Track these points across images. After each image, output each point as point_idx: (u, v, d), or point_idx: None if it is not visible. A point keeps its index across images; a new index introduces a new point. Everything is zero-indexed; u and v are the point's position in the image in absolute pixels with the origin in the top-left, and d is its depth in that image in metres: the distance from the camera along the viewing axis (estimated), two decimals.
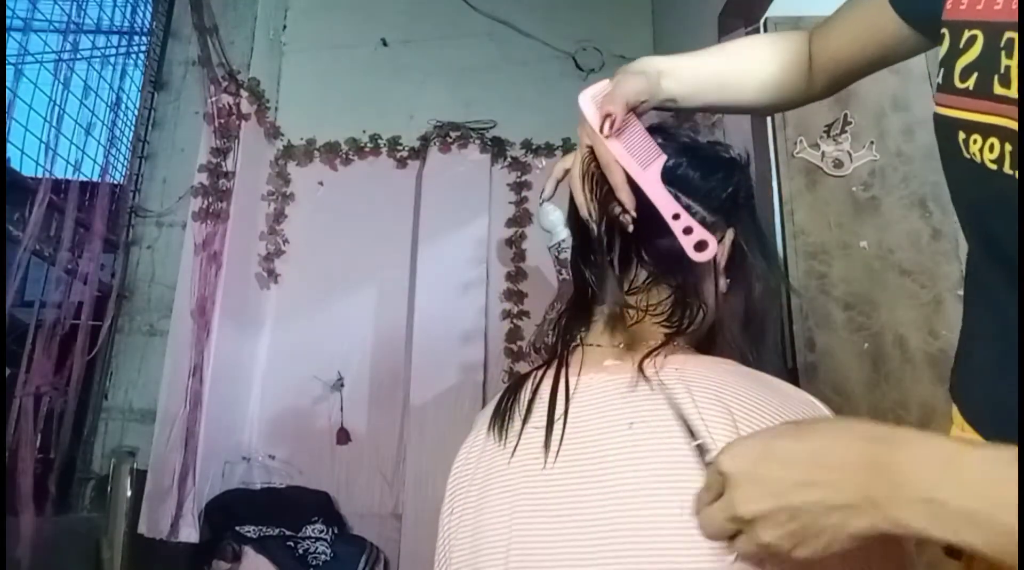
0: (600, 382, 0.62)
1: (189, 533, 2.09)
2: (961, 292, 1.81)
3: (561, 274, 2.25)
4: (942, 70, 0.55)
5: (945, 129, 0.56)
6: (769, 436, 0.47)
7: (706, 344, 0.67)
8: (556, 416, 0.61)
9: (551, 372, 0.65)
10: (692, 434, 0.52)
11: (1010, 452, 0.37)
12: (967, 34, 0.53)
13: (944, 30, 0.56)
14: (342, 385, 2.67)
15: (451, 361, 2.60)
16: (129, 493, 2.03)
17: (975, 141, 0.51)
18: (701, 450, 0.51)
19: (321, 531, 2.29)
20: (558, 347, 0.68)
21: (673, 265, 0.65)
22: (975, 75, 0.51)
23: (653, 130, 0.71)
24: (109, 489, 2.04)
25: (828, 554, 0.42)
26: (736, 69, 0.76)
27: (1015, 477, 0.36)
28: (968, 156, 0.52)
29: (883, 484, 0.39)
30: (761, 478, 0.43)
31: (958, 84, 0.53)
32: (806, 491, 0.42)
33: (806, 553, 0.42)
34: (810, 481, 0.42)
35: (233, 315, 2.46)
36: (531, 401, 0.64)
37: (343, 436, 2.62)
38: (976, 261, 0.59)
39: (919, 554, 1.74)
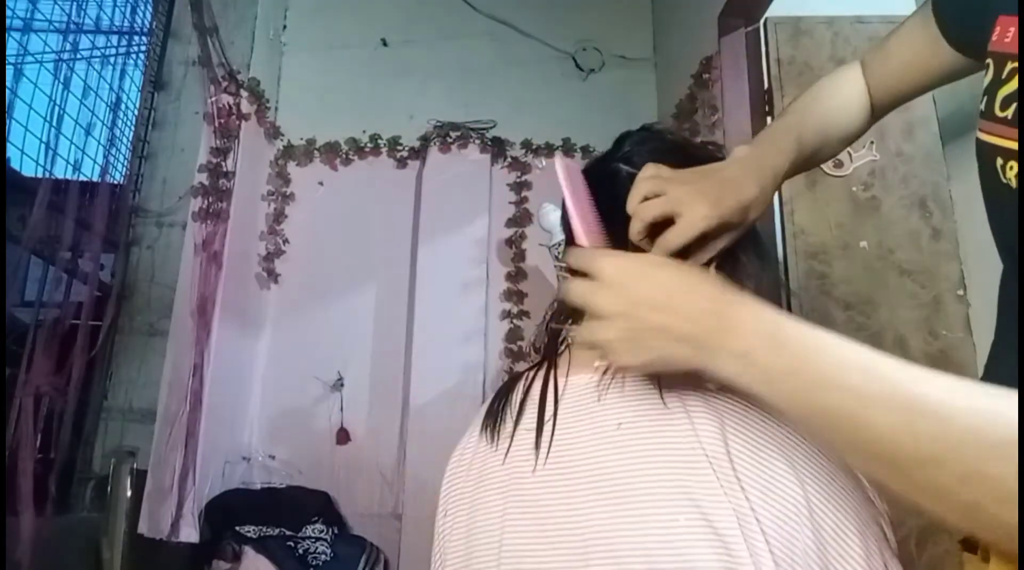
0: (589, 383, 0.62)
1: (189, 533, 2.09)
2: (961, 292, 1.81)
3: (561, 273, 2.25)
4: (985, 98, 0.58)
5: (985, 154, 0.58)
6: (650, 263, 0.53)
7: None
8: (546, 418, 0.61)
9: (542, 373, 0.65)
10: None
11: (815, 337, 0.44)
12: (1009, 66, 0.55)
13: (989, 60, 0.59)
14: (342, 385, 2.67)
15: (451, 361, 2.60)
16: (129, 493, 2.03)
17: (1011, 167, 0.54)
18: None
19: (321, 531, 2.29)
20: (549, 348, 0.69)
21: None
22: (1014, 105, 0.54)
23: (645, 130, 0.73)
24: (109, 489, 2.03)
25: (645, 369, 0.52)
26: (826, 132, 0.79)
27: (810, 356, 0.44)
28: (1005, 181, 0.54)
29: (716, 332, 0.47)
30: (624, 288, 0.50)
31: (998, 113, 0.56)
32: (655, 313, 0.49)
33: (628, 361, 0.51)
34: (664, 306, 0.48)
35: (233, 315, 2.46)
36: (522, 402, 0.64)
37: (343, 436, 2.62)
38: (1009, 278, 0.62)
39: (919, 554, 1.73)
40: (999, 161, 0.55)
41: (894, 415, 0.40)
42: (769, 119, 2.02)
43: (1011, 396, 0.38)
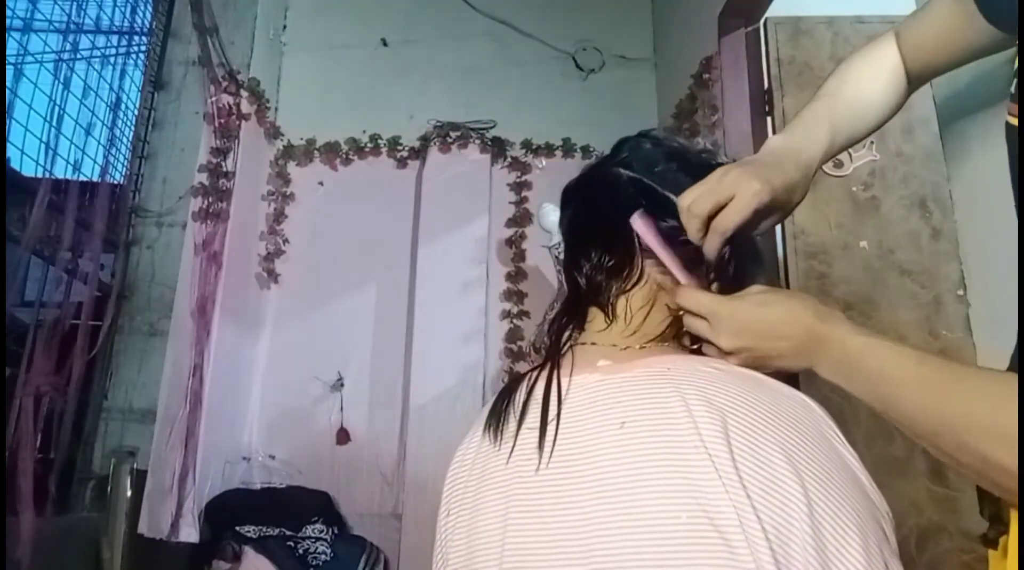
0: (593, 382, 0.62)
1: (189, 533, 2.09)
2: (961, 292, 1.81)
3: (561, 274, 2.25)
4: (1016, 80, 0.57)
5: (1012, 137, 0.57)
6: (757, 303, 0.62)
7: (700, 344, 0.68)
8: (549, 418, 0.61)
9: (545, 373, 0.66)
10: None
11: (868, 344, 0.56)
12: None
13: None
14: (342, 385, 2.67)
15: (451, 361, 2.60)
16: (129, 493, 2.03)
17: None
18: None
19: (321, 531, 2.29)
20: (552, 348, 0.69)
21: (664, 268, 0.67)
22: None
23: (643, 135, 0.74)
24: (109, 489, 2.04)
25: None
26: (859, 112, 0.80)
27: (869, 363, 0.55)
28: None
29: (814, 349, 0.59)
30: (743, 329, 0.61)
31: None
32: (771, 341, 0.60)
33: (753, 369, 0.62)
34: (777, 336, 0.60)
35: (233, 315, 2.46)
36: (526, 402, 0.64)
37: (343, 436, 2.62)
38: None
39: (919, 554, 1.72)
40: None
41: (915, 401, 0.52)
42: (769, 119, 2.02)
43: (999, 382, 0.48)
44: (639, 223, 0.66)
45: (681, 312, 0.65)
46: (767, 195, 0.63)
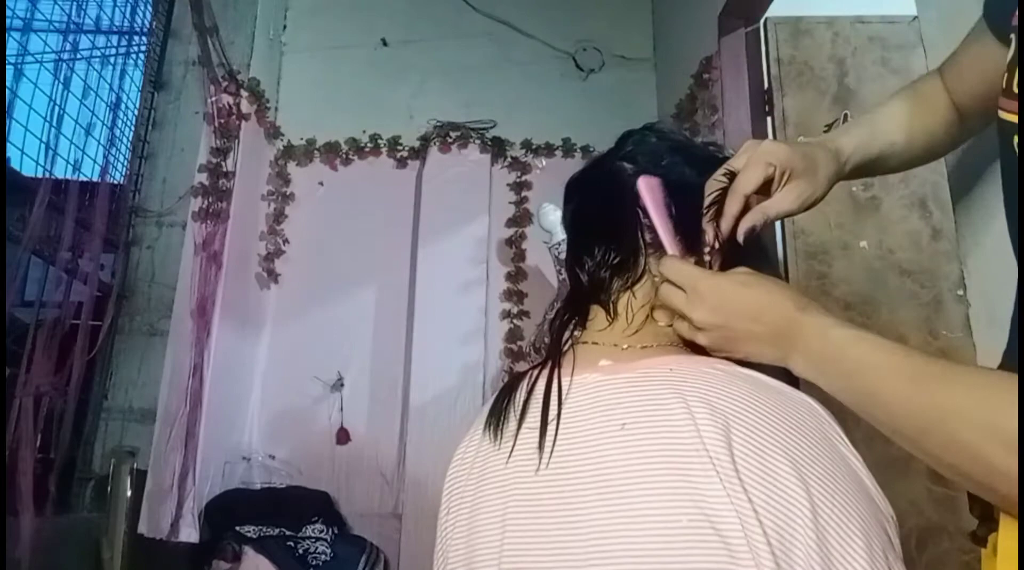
0: (594, 382, 0.61)
1: (189, 533, 2.09)
2: (961, 292, 1.81)
3: (561, 274, 2.25)
4: (1006, 75, 0.56)
5: (1004, 133, 0.57)
6: (739, 282, 0.60)
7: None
8: (549, 418, 0.60)
9: (546, 372, 0.65)
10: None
11: (846, 336, 0.54)
12: None
13: (1012, 35, 0.58)
14: (342, 385, 2.67)
15: (451, 361, 2.60)
16: (129, 493, 2.03)
17: None
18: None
19: (321, 531, 2.29)
20: (553, 347, 0.68)
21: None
22: None
23: (647, 129, 0.73)
24: (109, 489, 2.04)
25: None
26: (892, 141, 0.81)
27: (851, 353, 0.54)
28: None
29: (789, 339, 0.57)
30: (720, 306, 0.59)
31: (1015, 89, 0.55)
32: (746, 323, 0.59)
33: (721, 355, 0.62)
34: (754, 318, 0.58)
35: (233, 315, 2.46)
36: (526, 402, 0.64)
37: (343, 436, 2.62)
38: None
39: (920, 554, 1.72)
40: (1016, 138, 0.55)
41: (900, 395, 0.49)
42: (769, 119, 2.02)
43: (992, 378, 0.46)
44: (644, 185, 0.66)
45: (660, 281, 0.64)
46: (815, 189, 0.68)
